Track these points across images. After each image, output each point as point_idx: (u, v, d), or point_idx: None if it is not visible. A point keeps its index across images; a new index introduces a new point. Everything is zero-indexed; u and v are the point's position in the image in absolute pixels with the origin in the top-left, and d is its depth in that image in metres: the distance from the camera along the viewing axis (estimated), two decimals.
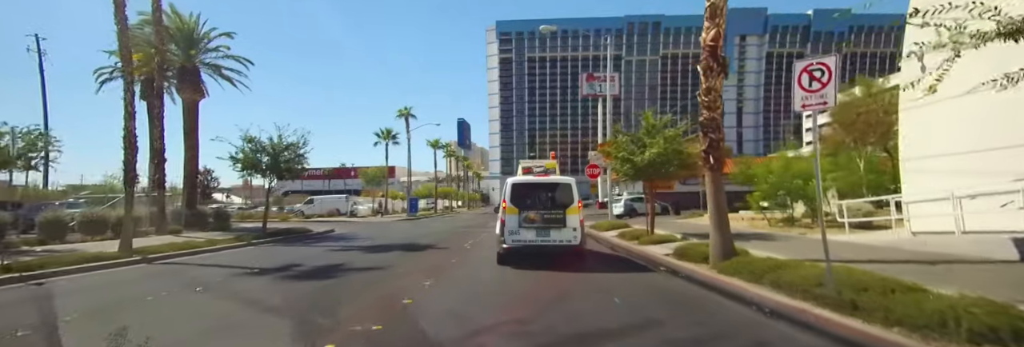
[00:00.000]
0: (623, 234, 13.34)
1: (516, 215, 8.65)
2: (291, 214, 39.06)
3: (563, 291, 6.50)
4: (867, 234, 12.06)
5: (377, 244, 13.41)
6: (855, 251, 8.89)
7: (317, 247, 13.31)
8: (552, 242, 8.64)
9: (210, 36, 21.72)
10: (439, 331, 4.33)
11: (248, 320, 5.13)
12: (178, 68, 21.81)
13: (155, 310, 5.60)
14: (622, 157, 11.72)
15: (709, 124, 7.59)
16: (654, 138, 11.47)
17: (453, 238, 15.35)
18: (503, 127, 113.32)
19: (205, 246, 13.01)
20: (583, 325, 4.59)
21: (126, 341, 3.55)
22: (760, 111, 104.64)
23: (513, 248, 8.64)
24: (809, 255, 7.56)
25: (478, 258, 10.03)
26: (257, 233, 16.72)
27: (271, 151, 17.10)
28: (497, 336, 4.32)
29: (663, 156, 11.28)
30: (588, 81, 52.86)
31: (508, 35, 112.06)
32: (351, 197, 39.82)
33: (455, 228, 21.26)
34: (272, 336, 4.32)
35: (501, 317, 5.07)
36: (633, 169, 11.82)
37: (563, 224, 8.58)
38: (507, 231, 8.62)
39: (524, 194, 8.86)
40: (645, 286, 6.99)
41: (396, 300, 5.69)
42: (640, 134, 11.92)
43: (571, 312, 5.19)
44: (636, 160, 11.44)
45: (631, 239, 12.46)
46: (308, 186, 63.95)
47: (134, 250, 10.62)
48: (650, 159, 11.22)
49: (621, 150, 11.83)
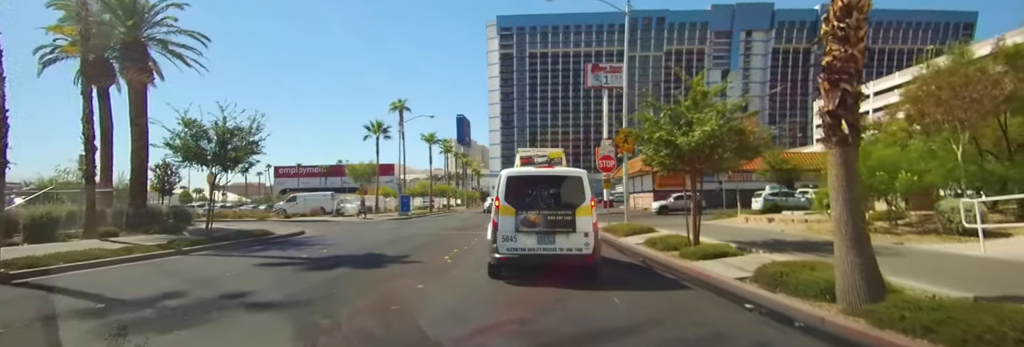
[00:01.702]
0: (653, 242, 10.21)
1: (512, 216, 6.60)
2: (272, 213, 36.02)
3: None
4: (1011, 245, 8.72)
5: (331, 255, 10.27)
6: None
7: (250, 259, 10.19)
8: (557, 251, 6.58)
9: (154, 6, 18.55)
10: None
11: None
12: (121, 44, 18.70)
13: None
14: (659, 140, 8.54)
15: (843, 67, 4.44)
16: (703, 112, 8.31)
17: (435, 245, 12.22)
18: (503, 124, 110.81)
19: (111, 256, 9.98)
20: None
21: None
22: (766, 108, 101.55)
23: (509, 259, 6.62)
24: (985, 286, 4.84)
25: (458, 282, 6.92)
26: (201, 237, 13.74)
27: (216, 137, 14.01)
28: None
29: (715, 137, 8.13)
30: (593, 72, 49.44)
31: (509, 30, 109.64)
32: (337, 195, 36.62)
33: (443, 231, 18.11)
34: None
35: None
36: (673, 156, 8.67)
37: (572, 228, 6.52)
38: (501, 237, 6.63)
39: (522, 190, 6.77)
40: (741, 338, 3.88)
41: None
42: (682, 108, 8.74)
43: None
44: (680, 143, 8.28)
45: (666, 249, 9.35)
46: (305, 183, 61.21)
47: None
48: (700, 141, 8.06)
49: (657, 131, 8.65)
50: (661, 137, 8.46)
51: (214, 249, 12.25)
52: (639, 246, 10.56)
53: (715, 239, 9.81)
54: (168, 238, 14.22)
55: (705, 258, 7.82)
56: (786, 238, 10.74)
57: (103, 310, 5.29)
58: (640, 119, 9.82)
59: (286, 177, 68.18)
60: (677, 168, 9.25)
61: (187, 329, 4.36)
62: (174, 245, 12.11)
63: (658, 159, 8.99)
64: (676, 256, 8.49)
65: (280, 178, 69.05)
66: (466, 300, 5.69)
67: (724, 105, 8.47)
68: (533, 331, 4.35)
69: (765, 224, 14.72)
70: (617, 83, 50.18)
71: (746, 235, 11.33)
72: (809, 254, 7.82)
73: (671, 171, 9.52)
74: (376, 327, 4.56)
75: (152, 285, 6.86)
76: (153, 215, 19.26)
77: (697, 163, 8.86)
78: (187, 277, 7.51)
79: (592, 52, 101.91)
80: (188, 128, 13.78)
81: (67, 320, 4.78)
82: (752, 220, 15.89)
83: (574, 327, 4.43)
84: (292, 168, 69.15)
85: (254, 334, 4.35)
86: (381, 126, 40.14)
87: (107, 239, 14.45)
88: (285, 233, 17.18)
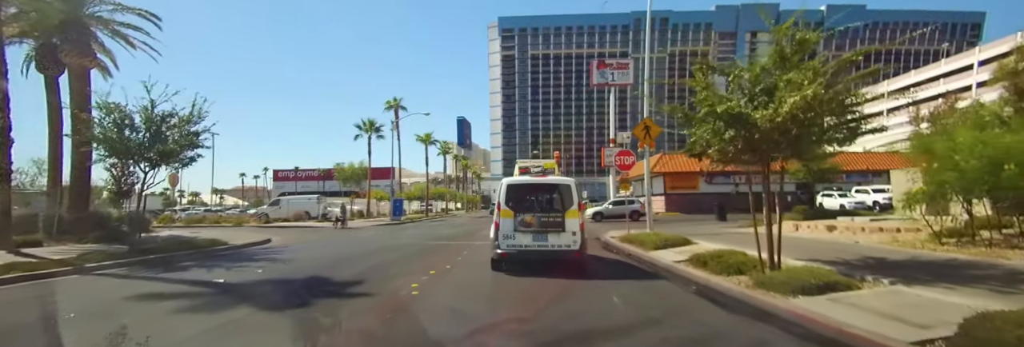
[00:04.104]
0: (701, 261, 7.43)
1: (511, 218, 7.82)
2: (252, 218, 33.28)
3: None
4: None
5: (258, 280, 7.48)
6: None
7: (152, 283, 7.47)
8: (550, 247, 7.78)
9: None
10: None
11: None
12: (59, 23, 16.10)
13: None
14: (726, 115, 5.75)
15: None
16: (797, 72, 5.52)
17: (410, 263, 9.44)
18: (505, 127, 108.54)
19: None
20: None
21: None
22: None
23: (508, 254, 7.78)
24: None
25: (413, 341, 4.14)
26: (125, 250, 11.21)
27: (143, 126, 11.32)
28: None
29: (813, 109, 5.36)
30: (598, 69, 46.82)
31: (511, 32, 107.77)
32: (324, 199, 33.84)
33: (429, 241, 15.32)
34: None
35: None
36: (742, 139, 5.90)
37: (562, 228, 7.75)
38: (502, 235, 7.81)
39: (520, 196, 8.13)
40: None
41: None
42: (761, 63, 5.93)
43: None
44: (757, 119, 5.52)
45: (725, 272, 6.66)
46: (304, 187, 59.03)
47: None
48: (790, 114, 5.29)
49: (720, 103, 5.85)
50: (729, 111, 5.67)
51: (130, 266, 9.57)
52: (681, 266, 7.78)
53: (785, 256, 7.01)
54: (92, 249, 11.66)
55: (805, 293, 5.04)
56: (883, 255, 7.96)
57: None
58: (670, 113, 7.07)
59: (285, 181, 66.51)
60: (736, 159, 6.49)
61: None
62: (82, 260, 9.55)
63: (718, 145, 6.21)
64: (751, 286, 5.72)
65: (279, 181, 67.39)
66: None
67: (825, 61, 5.67)
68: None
69: (825, 233, 11.87)
70: (624, 80, 47.63)
71: (817, 250, 8.53)
72: (965, 285, 5.07)
73: (729, 163, 6.74)
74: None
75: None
76: (97, 221, 16.72)
77: (774, 149, 6.09)
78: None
79: (594, 53, 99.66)
80: (107, 114, 11.11)
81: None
82: (804, 228, 13.03)
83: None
84: (290, 171, 67.23)
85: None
86: (373, 125, 37.44)
87: (19, 250, 11.85)
88: (243, 243, 14.50)
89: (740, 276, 6.49)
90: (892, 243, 9.60)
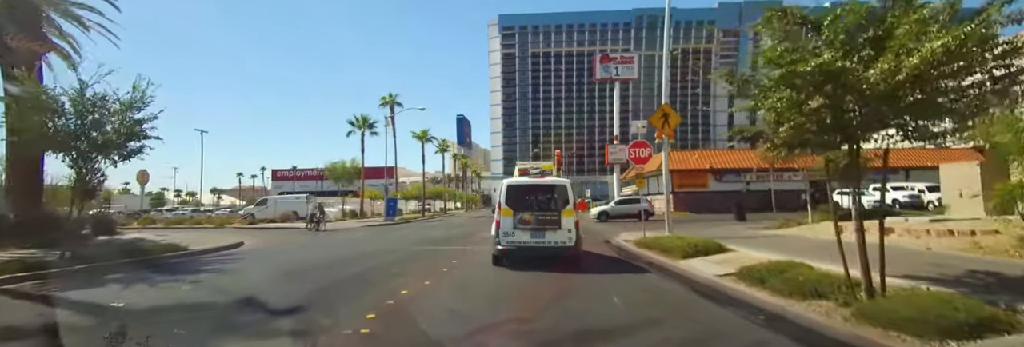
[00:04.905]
0: (758, 277, 5.72)
1: (511, 217, 8.33)
2: (238, 218, 31.55)
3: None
4: None
5: (173, 304, 5.68)
6: None
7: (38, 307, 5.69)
8: (546, 244, 8.31)
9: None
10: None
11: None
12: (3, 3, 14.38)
13: None
14: (821, 72, 3.95)
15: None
16: (920, 13, 3.75)
17: (382, 276, 7.62)
18: (505, 126, 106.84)
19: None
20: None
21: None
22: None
23: (508, 250, 8.29)
24: None
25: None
26: (57, 259, 9.57)
27: (73, 111, 9.58)
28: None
29: (955, 59, 3.59)
30: (602, 63, 45.05)
31: (511, 29, 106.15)
32: (313, 198, 32.04)
33: (416, 246, 13.51)
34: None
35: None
36: (832, 109, 4.13)
37: (558, 226, 8.29)
38: (502, 233, 8.31)
39: (519, 196, 8.56)
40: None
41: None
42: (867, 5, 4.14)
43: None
44: (869, 79, 3.75)
45: (796, 294, 5.00)
46: (302, 187, 57.19)
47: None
48: (922, 65, 3.52)
49: (814, 57, 4.04)
50: (825, 67, 3.88)
51: (46, 278, 7.82)
52: (729, 283, 6.03)
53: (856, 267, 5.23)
54: (20, 257, 9.96)
55: (952, 335, 3.28)
56: (985, 267, 6.22)
57: None
58: (726, 80, 5.20)
59: (283, 180, 64.84)
60: (819, 140, 4.71)
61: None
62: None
63: (792, 119, 4.42)
64: (855, 321, 3.97)
65: (277, 181, 65.77)
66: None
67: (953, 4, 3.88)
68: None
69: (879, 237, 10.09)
70: (628, 74, 45.69)
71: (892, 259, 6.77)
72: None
73: (802, 147, 4.94)
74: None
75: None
76: (50, 223, 15.02)
77: (873, 124, 4.32)
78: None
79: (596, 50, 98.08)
80: (34, 100, 9.36)
81: None
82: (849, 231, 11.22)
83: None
84: (288, 171, 65.56)
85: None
86: (367, 121, 35.66)
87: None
88: (205, 248, 12.77)
89: (821, 300, 4.75)
90: (974, 249, 7.84)
